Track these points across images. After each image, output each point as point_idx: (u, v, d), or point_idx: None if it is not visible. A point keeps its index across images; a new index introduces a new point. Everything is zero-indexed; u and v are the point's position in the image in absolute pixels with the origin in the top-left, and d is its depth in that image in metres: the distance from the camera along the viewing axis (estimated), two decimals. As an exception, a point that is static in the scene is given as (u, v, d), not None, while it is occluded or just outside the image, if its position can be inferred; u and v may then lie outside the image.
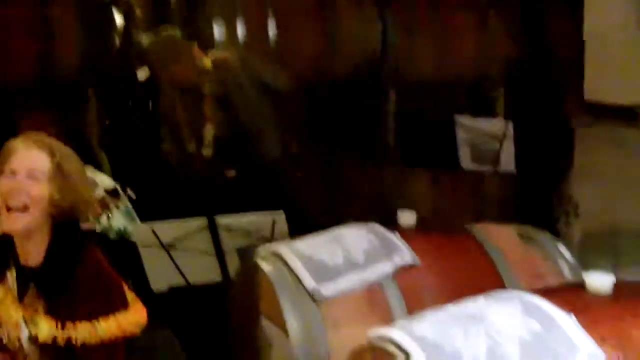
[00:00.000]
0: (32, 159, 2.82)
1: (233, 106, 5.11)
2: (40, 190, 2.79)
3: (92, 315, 2.78)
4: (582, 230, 5.78)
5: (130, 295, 3.04)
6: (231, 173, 5.10)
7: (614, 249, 5.45)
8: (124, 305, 2.91)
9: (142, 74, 5.06)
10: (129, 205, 4.53)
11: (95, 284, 2.85)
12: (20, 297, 2.87)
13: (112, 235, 4.43)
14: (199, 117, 5.16)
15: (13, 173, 2.80)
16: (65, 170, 2.84)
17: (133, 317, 2.91)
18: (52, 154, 2.83)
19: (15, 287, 2.89)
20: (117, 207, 4.30)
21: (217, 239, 3.71)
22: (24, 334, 2.83)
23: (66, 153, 2.89)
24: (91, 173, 4.47)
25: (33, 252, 2.87)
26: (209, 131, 5.13)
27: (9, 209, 2.79)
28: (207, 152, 5.14)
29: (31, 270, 2.87)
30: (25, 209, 2.79)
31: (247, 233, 3.72)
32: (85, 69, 5.75)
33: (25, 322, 2.83)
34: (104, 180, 4.40)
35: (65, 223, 2.88)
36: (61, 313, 2.78)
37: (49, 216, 2.83)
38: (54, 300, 2.82)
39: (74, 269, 2.83)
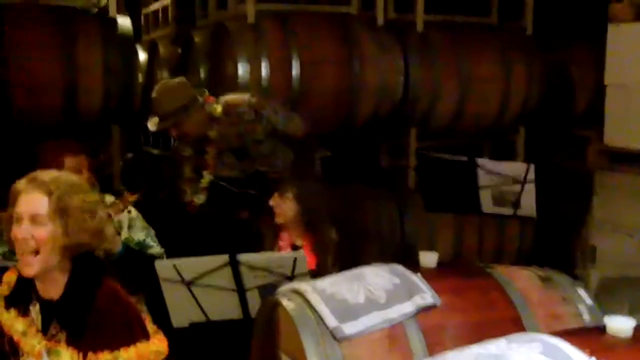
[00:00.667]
0: (33, 203, 2.85)
1: (245, 149, 5.13)
2: (46, 233, 2.84)
3: (113, 345, 2.82)
4: (600, 275, 5.78)
5: (151, 326, 3.07)
6: (244, 214, 5.11)
7: (630, 295, 5.45)
8: (144, 335, 2.94)
9: (152, 124, 5.07)
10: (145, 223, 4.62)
11: (115, 315, 2.89)
12: (44, 329, 2.90)
13: (132, 246, 4.51)
14: (202, 162, 5.20)
15: (19, 220, 2.86)
16: (66, 208, 2.85)
17: (154, 347, 2.93)
18: (49, 193, 2.85)
19: (39, 319, 2.93)
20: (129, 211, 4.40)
21: (238, 276, 3.71)
22: (47, 365, 2.87)
23: (65, 189, 2.88)
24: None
25: (53, 287, 2.92)
26: (205, 178, 5.16)
27: (22, 254, 2.85)
28: (199, 199, 5.17)
29: (53, 303, 2.92)
30: (36, 253, 2.84)
31: (268, 271, 3.72)
32: (109, 106, 5.81)
33: (48, 353, 2.86)
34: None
35: (83, 256, 2.93)
36: (82, 344, 2.82)
37: (65, 252, 2.88)
38: (75, 332, 2.85)
39: (93, 301, 2.87)
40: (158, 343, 2.98)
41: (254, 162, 5.13)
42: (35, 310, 2.94)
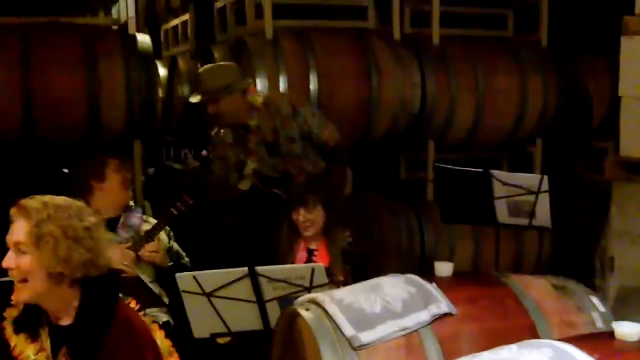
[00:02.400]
0: (15, 231, 2.83)
1: (277, 145, 5.21)
2: (29, 262, 2.80)
3: None
4: (618, 285, 5.79)
5: (165, 345, 3.09)
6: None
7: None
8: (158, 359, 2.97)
9: (194, 97, 5.16)
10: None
11: (127, 342, 2.87)
12: (54, 355, 2.89)
13: (171, 256, 4.66)
14: (244, 149, 5.27)
15: (8, 248, 2.84)
16: (42, 235, 2.79)
17: None
18: (29, 219, 2.80)
19: (48, 345, 2.90)
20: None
21: (257, 287, 3.77)
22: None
23: (45, 216, 2.80)
24: None
25: (63, 312, 2.90)
26: (249, 165, 5.24)
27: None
28: (244, 185, 5.25)
29: (64, 329, 2.90)
30: (24, 280, 2.82)
31: (286, 282, 3.78)
32: (131, 122, 5.88)
33: None
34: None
35: (92, 280, 2.88)
36: None
37: (59, 279, 2.83)
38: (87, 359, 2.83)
39: (105, 328, 2.84)
40: None
41: (285, 160, 5.21)
42: (45, 334, 2.91)
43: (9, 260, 2.83)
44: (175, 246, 4.82)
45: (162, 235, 4.71)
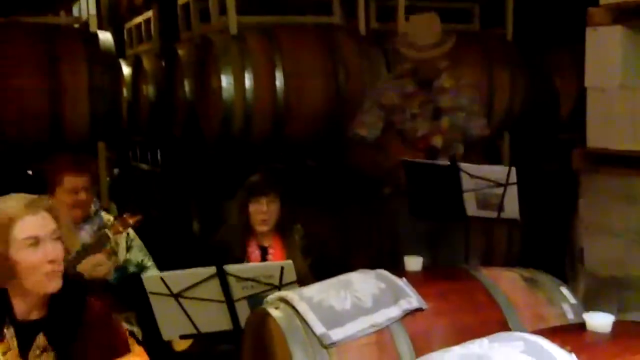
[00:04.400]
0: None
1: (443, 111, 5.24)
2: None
3: None
4: (588, 277, 5.81)
5: (130, 341, 3.08)
6: None
7: (619, 295, 5.48)
8: (127, 349, 2.95)
9: (409, 52, 5.16)
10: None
11: (102, 330, 2.89)
12: (23, 351, 2.87)
13: (131, 269, 4.50)
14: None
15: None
16: None
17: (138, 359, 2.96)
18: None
19: (14, 344, 2.88)
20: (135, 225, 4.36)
21: (226, 287, 3.73)
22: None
23: None
24: None
25: (36, 305, 2.90)
26: (444, 121, 5.24)
27: None
28: (436, 141, 5.19)
29: (35, 323, 2.89)
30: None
31: (255, 281, 3.74)
32: (96, 123, 5.82)
33: None
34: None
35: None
36: None
37: None
38: (64, 350, 2.84)
39: (81, 316, 2.88)
40: (140, 357, 2.99)
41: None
42: (9, 332, 2.88)
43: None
44: (139, 257, 4.57)
45: (122, 247, 4.50)
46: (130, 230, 4.49)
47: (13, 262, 2.83)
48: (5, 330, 2.88)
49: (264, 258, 4.49)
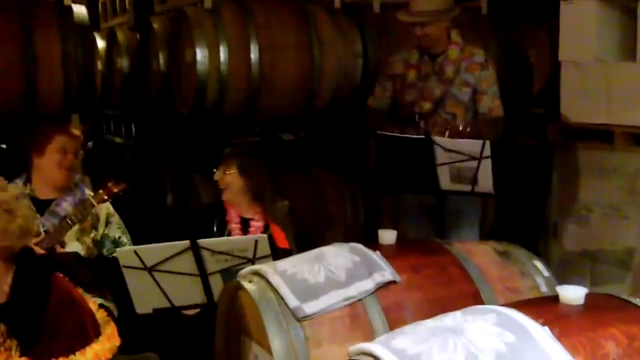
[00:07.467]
0: None
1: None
2: None
3: (69, 350, 2.78)
4: (561, 250, 5.85)
5: (101, 317, 3.04)
6: None
7: (591, 269, 5.53)
8: (97, 334, 2.92)
9: (403, 15, 5.16)
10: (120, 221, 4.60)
11: (69, 317, 2.84)
12: None
13: (107, 245, 4.48)
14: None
15: None
16: None
17: (108, 344, 2.91)
18: None
19: None
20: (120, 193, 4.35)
21: (200, 261, 3.73)
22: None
23: None
24: None
25: None
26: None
27: None
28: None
29: None
30: None
31: (229, 255, 3.74)
32: (69, 96, 5.77)
33: None
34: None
35: (26, 255, 2.87)
36: (36, 351, 2.76)
37: (4, 251, 2.81)
38: (28, 339, 2.78)
39: (44, 302, 2.81)
40: (111, 338, 2.96)
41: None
42: None
43: None
44: (117, 233, 4.53)
45: (102, 222, 4.48)
46: (110, 207, 4.51)
47: None
48: None
49: (245, 230, 4.48)
